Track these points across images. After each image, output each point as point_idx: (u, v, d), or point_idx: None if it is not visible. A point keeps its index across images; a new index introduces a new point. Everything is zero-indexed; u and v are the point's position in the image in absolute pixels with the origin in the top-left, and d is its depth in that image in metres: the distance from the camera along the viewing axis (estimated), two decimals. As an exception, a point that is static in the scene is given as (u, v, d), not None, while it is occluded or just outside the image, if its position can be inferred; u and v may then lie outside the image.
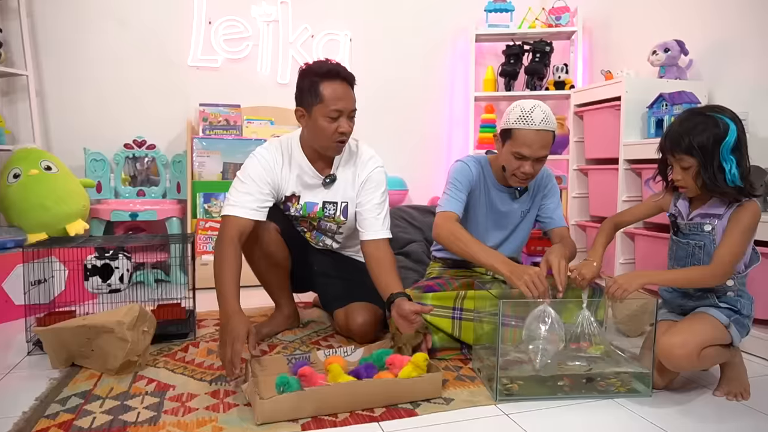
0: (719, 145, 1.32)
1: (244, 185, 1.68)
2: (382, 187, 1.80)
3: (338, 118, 1.64)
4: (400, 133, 3.39)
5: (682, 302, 1.50)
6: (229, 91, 3.09)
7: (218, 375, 1.55)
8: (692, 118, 1.37)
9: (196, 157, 2.83)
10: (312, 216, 1.82)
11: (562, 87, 3.18)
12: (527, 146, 1.63)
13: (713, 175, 1.33)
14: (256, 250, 1.77)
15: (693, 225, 1.43)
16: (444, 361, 1.67)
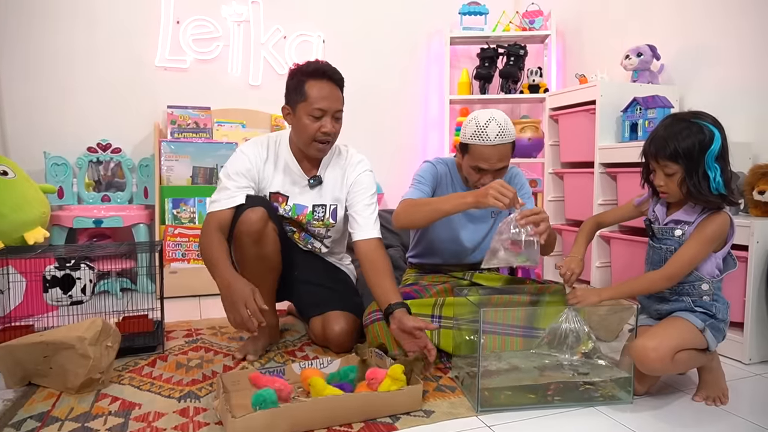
0: (704, 152, 1.32)
1: (222, 182, 1.70)
2: (372, 190, 1.79)
3: (322, 117, 1.63)
4: (375, 137, 3.36)
5: (657, 306, 1.50)
6: (199, 92, 3.00)
7: (187, 391, 1.48)
8: (677, 124, 1.36)
9: (164, 161, 2.74)
10: (301, 219, 1.79)
11: (537, 90, 3.19)
12: (484, 161, 1.64)
13: (698, 182, 1.33)
14: (253, 250, 1.66)
15: (666, 229, 1.44)
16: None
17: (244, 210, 1.64)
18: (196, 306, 2.39)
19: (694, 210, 1.41)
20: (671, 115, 1.42)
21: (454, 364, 1.61)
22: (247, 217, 1.63)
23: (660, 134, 1.38)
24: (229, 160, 1.73)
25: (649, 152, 1.41)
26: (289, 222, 1.82)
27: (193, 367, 1.66)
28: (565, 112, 2.66)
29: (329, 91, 1.63)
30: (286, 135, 1.78)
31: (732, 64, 2.27)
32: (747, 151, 2.17)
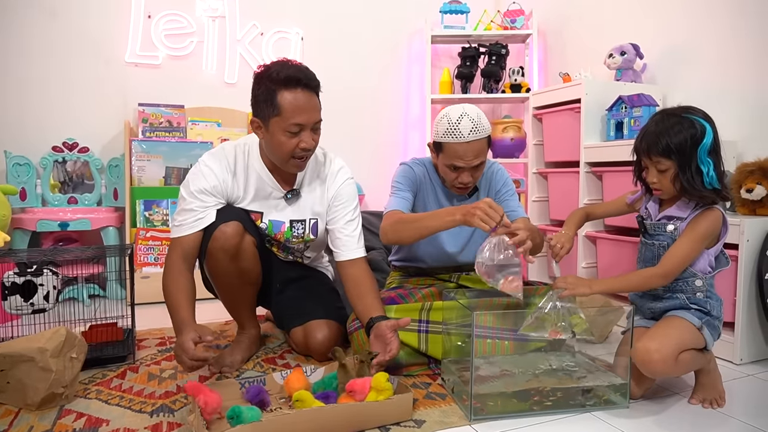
0: (697, 147, 1.30)
1: (185, 201, 1.54)
2: (354, 201, 1.68)
3: (299, 132, 1.47)
4: (355, 136, 3.29)
5: (651, 305, 1.47)
6: (172, 90, 2.89)
7: (160, 405, 1.38)
8: (668, 119, 1.35)
9: (135, 160, 2.63)
10: (279, 237, 1.67)
11: (519, 90, 3.16)
12: (459, 158, 1.57)
13: (691, 177, 1.32)
14: (231, 266, 1.56)
15: (658, 225, 1.42)
16: (411, 378, 1.57)
17: (217, 224, 1.52)
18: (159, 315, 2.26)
19: (687, 206, 1.39)
20: (661, 110, 1.40)
21: (444, 370, 1.55)
22: (222, 233, 1.52)
23: (651, 130, 1.36)
24: (190, 175, 1.56)
25: (641, 149, 1.39)
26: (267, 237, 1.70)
27: (167, 378, 1.56)
28: (549, 110, 2.63)
29: (306, 101, 1.44)
30: (256, 142, 1.61)
31: (714, 64, 2.27)
32: (732, 149, 2.17)
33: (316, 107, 1.48)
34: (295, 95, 1.43)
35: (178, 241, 1.51)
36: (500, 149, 3.14)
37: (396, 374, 1.49)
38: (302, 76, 1.44)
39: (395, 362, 1.54)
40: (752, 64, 2.13)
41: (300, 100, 1.44)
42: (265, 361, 1.70)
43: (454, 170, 1.60)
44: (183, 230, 1.51)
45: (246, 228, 1.58)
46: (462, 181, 1.61)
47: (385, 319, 1.49)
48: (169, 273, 1.47)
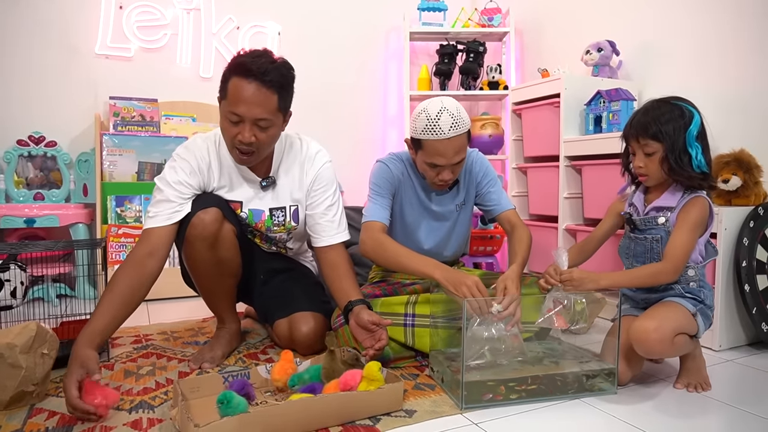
0: (685, 131, 1.33)
1: (162, 192, 1.48)
2: (333, 185, 1.64)
3: (238, 123, 1.41)
4: (333, 133, 3.25)
5: (645, 296, 1.48)
6: (145, 83, 2.81)
7: (139, 401, 1.32)
8: (658, 106, 1.38)
9: (106, 155, 2.54)
10: (260, 226, 1.63)
11: (496, 87, 3.17)
12: (440, 156, 1.52)
13: (679, 158, 1.34)
14: (209, 255, 1.52)
15: (648, 219, 1.43)
16: (399, 370, 1.55)
17: (195, 211, 1.48)
18: (144, 311, 2.19)
19: (675, 195, 1.40)
20: (651, 100, 1.43)
21: (432, 360, 1.53)
22: (199, 220, 1.47)
23: (640, 116, 1.39)
24: (167, 168, 1.51)
25: (630, 134, 1.41)
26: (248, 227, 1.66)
27: (144, 374, 1.50)
28: (528, 106, 2.64)
29: (251, 93, 1.37)
30: None
31: (687, 59, 2.32)
32: None
33: (261, 102, 1.38)
34: (241, 84, 1.37)
35: (149, 232, 1.43)
36: (478, 146, 3.10)
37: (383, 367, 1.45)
38: (255, 67, 1.37)
39: (382, 357, 1.50)
40: (724, 59, 2.18)
41: (243, 90, 1.37)
42: (247, 356, 1.65)
43: (434, 168, 1.56)
44: (157, 221, 1.44)
45: (225, 215, 1.53)
46: (443, 179, 1.58)
47: (362, 303, 1.46)
48: (121, 270, 1.35)
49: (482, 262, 2.82)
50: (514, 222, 1.69)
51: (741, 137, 2.09)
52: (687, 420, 1.25)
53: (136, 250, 1.40)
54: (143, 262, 1.38)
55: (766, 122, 2.04)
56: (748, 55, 2.10)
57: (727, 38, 2.18)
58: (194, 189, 1.52)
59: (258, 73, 1.37)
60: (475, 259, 2.81)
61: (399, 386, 1.26)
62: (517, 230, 1.67)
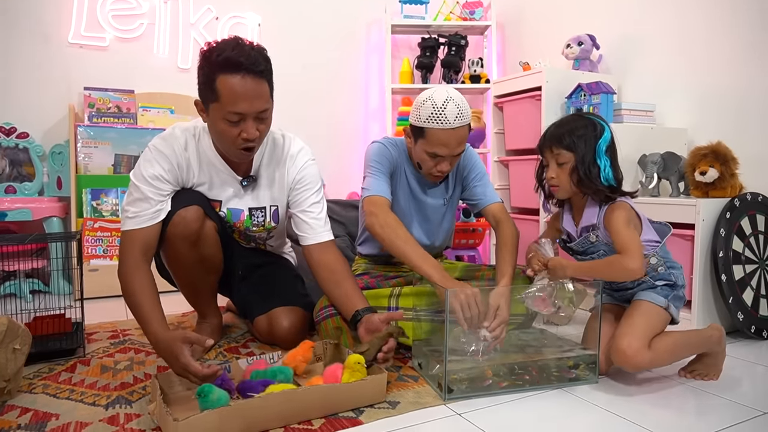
0: (595, 144, 1.38)
1: (139, 189, 1.42)
2: (318, 183, 1.60)
3: (240, 122, 1.34)
4: (314, 126, 3.23)
5: (620, 293, 1.50)
6: (121, 74, 2.75)
7: (116, 397, 1.29)
8: (572, 119, 1.43)
9: (81, 147, 2.48)
10: (238, 226, 1.59)
11: (478, 81, 3.18)
12: (443, 146, 1.51)
13: (588, 170, 1.37)
14: (191, 253, 1.49)
15: (583, 242, 1.44)
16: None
17: (175, 209, 1.44)
18: (121, 307, 2.14)
19: (593, 210, 1.42)
20: (567, 115, 1.50)
21: (415, 352, 1.53)
22: (181, 218, 1.44)
23: (554, 128, 1.44)
24: (141, 161, 1.44)
25: (544, 145, 1.44)
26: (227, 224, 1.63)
27: (122, 370, 1.47)
28: (510, 99, 2.65)
29: (248, 88, 1.30)
30: (207, 126, 1.49)
31: (666, 54, 2.35)
32: (682, 136, 2.26)
33: (260, 95, 1.34)
34: (234, 81, 1.29)
35: (135, 234, 1.39)
36: None
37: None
38: (244, 59, 1.30)
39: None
40: (703, 53, 2.21)
41: (240, 87, 1.30)
42: (228, 350, 1.63)
43: (434, 158, 1.53)
44: (141, 222, 1.39)
45: (206, 212, 1.50)
46: (441, 170, 1.56)
47: (372, 310, 1.43)
48: (132, 274, 1.35)
49: (464, 255, 2.83)
50: (500, 217, 1.67)
51: (717, 130, 2.13)
52: (667, 408, 1.27)
53: (129, 254, 1.37)
54: (142, 266, 1.37)
55: (742, 115, 2.07)
56: (726, 49, 2.13)
57: (705, 32, 2.21)
58: (172, 185, 1.47)
59: (249, 65, 1.30)
60: (457, 252, 2.82)
61: (382, 378, 1.26)
62: (503, 227, 1.64)
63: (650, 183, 2.07)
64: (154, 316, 1.30)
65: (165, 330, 1.28)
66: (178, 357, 1.19)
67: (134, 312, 1.34)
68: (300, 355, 1.38)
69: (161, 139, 1.47)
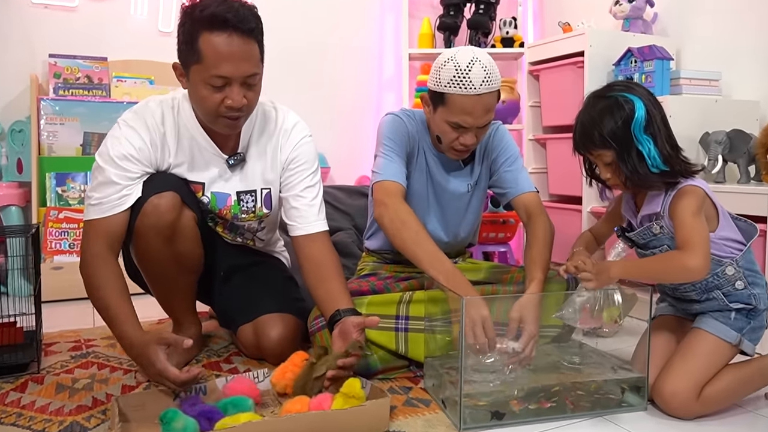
0: (629, 126, 1.30)
1: (104, 172, 1.41)
2: (314, 164, 1.60)
3: (224, 87, 1.35)
4: (319, 101, 3.20)
5: (685, 306, 1.45)
6: (92, 39, 2.74)
7: (70, 423, 1.26)
8: (593, 105, 1.36)
9: (44, 124, 2.48)
10: (225, 213, 1.58)
11: (511, 44, 3.11)
12: (468, 114, 1.48)
13: (634, 165, 1.31)
14: (165, 249, 1.48)
15: (644, 233, 1.39)
16: (388, 382, 1.51)
17: (147, 196, 1.43)
18: (88, 311, 2.11)
19: (657, 197, 1.36)
20: (588, 96, 1.41)
21: (427, 370, 1.48)
22: (153, 207, 1.42)
23: (579, 122, 1.38)
24: (108, 139, 1.44)
25: (579, 145, 1.39)
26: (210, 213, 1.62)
27: (80, 389, 1.45)
28: (547, 66, 2.61)
29: (235, 47, 1.31)
30: (188, 96, 1.49)
31: (734, 12, 2.28)
32: (754, 111, 2.21)
33: (248, 56, 1.34)
34: (219, 40, 1.30)
35: (99, 224, 1.39)
36: None
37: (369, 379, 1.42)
38: (231, 15, 1.30)
39: (366, 368, 1.48)
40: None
41: (225, 47, 1.30)
42: (208, 365, 1.61)
43: (457, 129, 1.52)
44: (105, 210, 1.39)
45: (184, 200, 1.48)
46: (464, 143, 1.53)
47: (355, 313, 1.42)
48: (97, 267, 1.36)
49: (494, 251, 2.81)
50: (532, 210, 1.63)
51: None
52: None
53: (93, 246, 1.38)
54: (109, 259, 1.38)
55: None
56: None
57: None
58: (143, 166, 1.45)
59: (236, 22, 1.31)
60: (485, 248, 2.79)
61: (384, 402, 1.22)
62: (535, 222, 1.60)
63: (713, 167, 2.02)
64: (124, 314, 1.32)
65: (138, 331, 1.30)
66: (153, 362, 1.21)
67: (101, 311, 1.36)
68: (290, 371, 1.35)
69: (133, 112, 1.48)
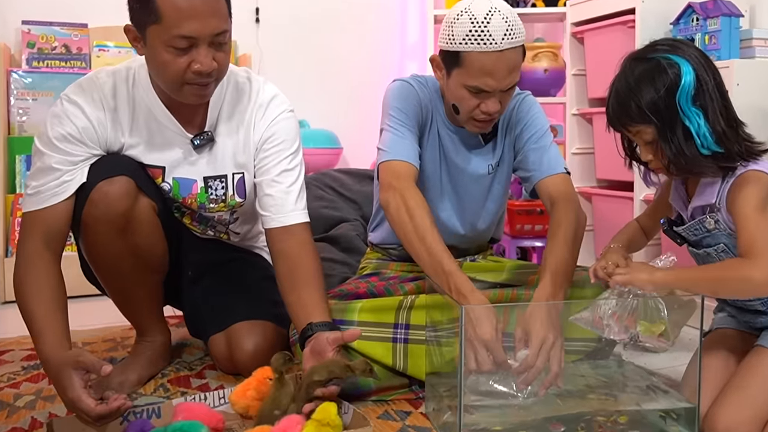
0: (673, 96, 1.18)
1: (42, 156, 1.38)
2: (293, 144, 1.54)
3: (189, 48, 1.30)
4: (331, 73, 3.22)
5: (748, 318, 1.35)
6: (70, 4, 2.78)
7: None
8: (631, 70, 1.25)
9: (15, 100, 2.52)
10: (189, 202, 1.55)
11: (555, 3, 3.05)
12: (488, 75, 1.42)
13: (679, 145, 1.19)
14: (118, 243, 1.45)
15: (696, 228, 1.29)
16: (383, 405, 1.45)
17: (95, 182, 1.39)
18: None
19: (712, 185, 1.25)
20: (625, 59, 1.30)
21: (429, 391, 1.43)
22: (102, 194, 1.39)
23: (614, 91, 1.28)
24: (49, 118, 1.41)
25: (614, 120, 1.30)
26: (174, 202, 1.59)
27: (21, 407, 1.42)
28: (593, 27, 2.52)
29: (198, 1, 1.28)
30: (145, 66, 1.45)
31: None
32: None
33: (214, 11, 1.30)
34: None
35: (35, 217, 1.36)
36: (532, 84, 2.96)
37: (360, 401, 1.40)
38: None
39: (357, 388, 1.43)
40: None
41: (186, 1, 1.26)
42: (174, 381, 1.58)
43: (477, 95, 1.45)
44: (43, 200, 1.35)
45: (140, 186, 1.44)
46: (487, 111, 1.47)
47: (332, 328, 1.36)
48: (28, 272, 1.34)
49: (530, 246, 2.76)
50: (556, 197, 1.54)
51: None
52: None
53: (27, 244, 1.35)
54: (43, 258, 1.34)
55: None
56: None
57: None
58: (89, 148, 1.41)
59: None
60: (520, 243, 2.73)
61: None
62: (557, 212, 1.51)
63: (789, 146, 1.88)
64: (48, 327, 1.27)
65: (59, 349, 1.24)
66: (65, 389, 1.16)
67: (26, 323, 1.32)
68: (252, 388, 1.30)
69: (77, 85, 1.45)
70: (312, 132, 3.02)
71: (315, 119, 3.04)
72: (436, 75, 1.55)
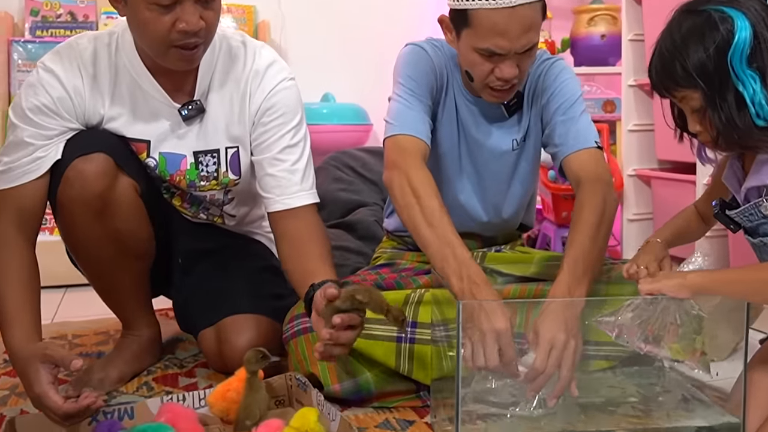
0: (724, 56, 1.12)
1: (16, 130, 1.40)
2: (296, 117, 1.54)
3: (174, 5, 1.30)
4: (359, 44, 3.24)
5: None
6: (76, -33, 2.84)
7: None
8: (679, 24, 1.21)
9: (16, 73, 2.60)
10: (178, 180, 1.55)
11: (611, -41, 3.01)
12: (499, 35, 1.38)
13: (729, 114, 1.14)
14: (96, 226, 1.46)
15: (750, 212, 1.26)
16: (384, 412, 1.44)
17: (70, 159, 1.41)
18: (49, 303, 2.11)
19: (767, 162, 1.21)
20: (676, 10, 1.25)
21: (434, 398, 1.42)
22: (77, 172, 1.40)
23: (658, 51, 1.24)
24: (24, 88, 1.43)
25: (657, 84, 1.26)
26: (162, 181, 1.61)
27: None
28: None
29: None
30: (129, 30, 1.46)
31: None
32: None
33: None
34: None
35: (7, 196, 1.38)
36: (586, 53, 2.99)
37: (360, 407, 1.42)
38: None
39: (356, 391, 1.44)
40: None
41: None
42: (161, 379, 1.59)
43: (489, 58, 1.42)
44: (14, 178, 1.38)
45: (120, 164, 1.45)
46: (502, 76, 1.43)
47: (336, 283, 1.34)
48: None
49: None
50: (582, 176, 1.48)
51: None
52: None
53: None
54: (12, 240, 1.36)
55: None
56: None
57: None
58: (65, 120, 1.43)
59: None
60: (564, 233, 2.66)
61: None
62: (582, 193, 1.45)
63: None
64: (17, 317, 1.28)
65: (28, 340, 1.26)
66: (31, 384, 1.18)
67: None
68: (233, 389, 1.31)
69: (55, 52, 1.46)
70: (338, 107, 3.02)
71: (341, 93, 3.05)
72: (446, 38, 1.52)
